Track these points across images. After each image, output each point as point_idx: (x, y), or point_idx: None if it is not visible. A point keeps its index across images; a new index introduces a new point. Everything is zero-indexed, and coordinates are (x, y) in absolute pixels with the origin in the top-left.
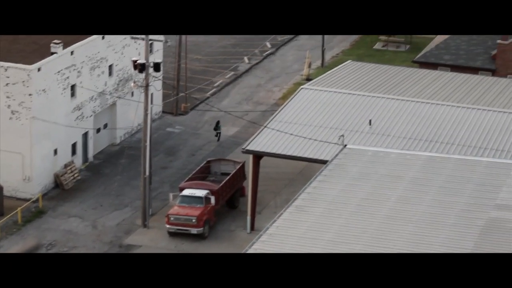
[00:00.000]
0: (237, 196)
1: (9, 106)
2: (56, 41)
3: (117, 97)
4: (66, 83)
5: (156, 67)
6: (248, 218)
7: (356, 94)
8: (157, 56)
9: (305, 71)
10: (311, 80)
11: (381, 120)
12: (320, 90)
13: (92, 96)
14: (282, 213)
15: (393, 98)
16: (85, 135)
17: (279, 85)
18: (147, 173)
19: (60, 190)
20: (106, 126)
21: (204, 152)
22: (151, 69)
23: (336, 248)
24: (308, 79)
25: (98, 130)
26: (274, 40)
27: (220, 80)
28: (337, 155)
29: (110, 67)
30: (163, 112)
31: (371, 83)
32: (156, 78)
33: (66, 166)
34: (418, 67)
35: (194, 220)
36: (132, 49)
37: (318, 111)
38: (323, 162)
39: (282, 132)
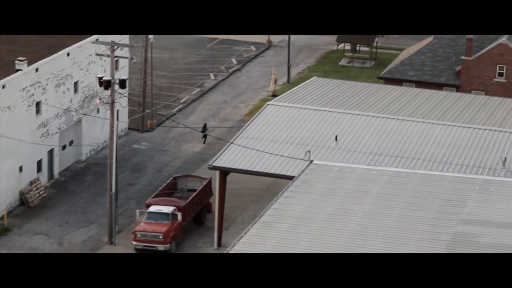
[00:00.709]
0: (204, 212)
1: None
2: (20, 58)
3: (82, 114)
4: (31, 100)
5: (122, 83)
6: (215, 234)
7: (322, 110)
8: (122, 73)
9: (271, 87)
10: (277, 96)
11: (347, 136)
12: (286, 106)
13: (58, 113)
14: (249, 229)
15: (359, 114)
16: (50, 152)
17: (245, 101)
18: (113, 189)
19: (26, 207)
20: (71, 143)
21: (170, 169)
22: (116, 85)
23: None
24: (274, 95)
25: (64, 147)
26: (240, 56)
27: (186, 97)
28: (303, 171)
29: (76, 84)
30: (129, 128)
31: (337, 99)
32: (122, 95)
33: (31, 183)
34: (383, 83)
35: (161, 237)
36: (98, 65)
37: (284, 127)
38: (290, 178)
39: (248, 148)
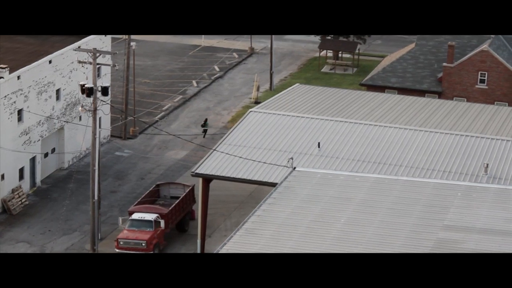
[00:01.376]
0: (187, 220)
1: None
2: (2, 65)
3: (65, 121)
4: (13, 107)
5: (104, 91)
6: (198, 241)
7: (304, 117)
8: (105, 80)
9: (253, 94)
10: (259, 103)
11: (329, 143)
12: (269, 113)
13: (40, 120)
14: (232, 236)
15: (341, 121)
16: (32, 160)
17: (227, 108)
18: (96, 197)
19: (8, 215)
20: (54, 150)
21: (153, 176)
22: (99, 93)
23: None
24: (256, 102)
25: (46, 155)
26: (223, 63)
27: (169, 104)
28: (286, 177)
29: (58, 91)
30: (112, 136)
31: (320, 106)
32: (104, 102)
33: (13, 191)
34: (365, 89)
35: (143, 244)
36: (80, 73)
37: (267, 134)
38: (273, 185)
39: (231, 155)
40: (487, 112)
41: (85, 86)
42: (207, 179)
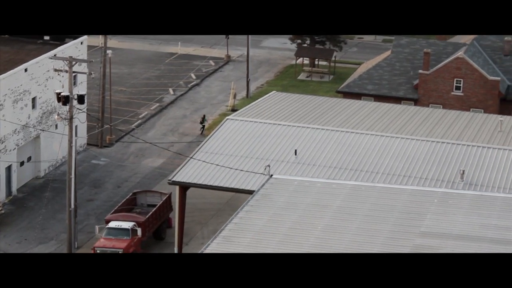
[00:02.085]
0: (164, 228)
1: None
2: None
3: (41, 129)
4: None
5: (80, 99)
6: (175, 249)
7: (281, 124)
8: (81, 88)
9: (230, 102)
10: (236, 110)
11: (306, 150)
12: (246, 121)
13: (15, 129)
14: (209, 243)
15: (318, 128)
16: (8, 169)
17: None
18: (72, 206)
19: None
20: (30, 159)
21: (130, 184)
22: (75, 101)
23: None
24: (233, 110)
25: (22, 163)
26: (199, 71)
27: (145, 112)
28: (263, 185)
29: (34, 99)
30: (88, 144)
31: (296, 113)
32: (81, 110)
33: None
34: (342, 97)
35: (120, 252)
36: (56, 81)
37: (244, 141)
38: (250, 192)
39: (208, 163)
40: (463, 118)
41: (61, 94)
42: (184, 187)
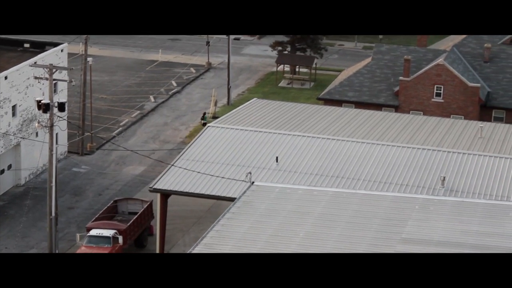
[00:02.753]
0: (145, 235)
1: None
2: None
3: (21, 137)
4: None
5: (61, 107)
6: None
7: (262, 132)
8: (61, 96)
9: (211, 109)
10: (217, 118)
11: (288, 157)
12: (227, 128)
13: None
14: (191, 251)
15: (299, 135)
16: None
17: (185, 123)
18: (53, 214)
19: None
20: (10, 167)
21: (111, 192)
22: (55, 109)
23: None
24: (214, 117)
25: (2, 171)
26: (180, 78)
27: (126, 119)
28: (244, 192)
29: (14, 107)
30: (69, 152)
31: (277, 120)
32: (61, 118)
33: None
34: (322, 104)
35: None
36: (36, 89)
37: (225, 148)
38: (231, 200)
39: (189, 170)
40: (443, 125)
41: (41, 102)
42: (165, 195)
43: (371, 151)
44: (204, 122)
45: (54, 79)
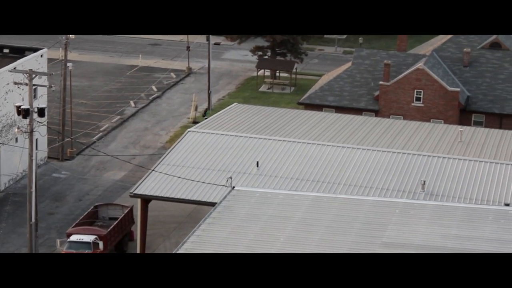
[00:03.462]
0: (125, 241)
1: None
2: None
3: (0, 143)
4: None
5: (41, 112)
6: None
7: (243, 136)
8: (41, 101)
9: (191, 114)
10: (198, 123)
11: (268, 162)
12: (207, 133)
13: None
14: None
15: (279, 140)
16: None
17: (166, 128)
18: (33, 219)
19: None
20: None
21: (91, 197)
22: (35, 114)
23: None
24: (195, 122)
25: None
26: (160, 83)
27: (106, 125)
28: (225, 197)
29: None
30: (49, 157)
31: (258, 125)
32: (41, 124)
33: None
34: (303, 108)
35: None
36: (16, 94)
37: (205, 153)
38: (212, 205)
39: (170, 175)
40: (423, 129)
41: (21, 107)
42: (146, 200)
43: (351, 156)
44: (206, 118)
45: (34, 85)
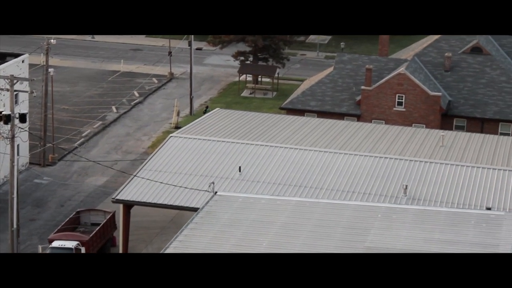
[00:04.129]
0: (108, 246)
1: None
2: None
3: None
4: None
5: (22, 118)
6: None
7: (225, 141)
8: (22, 107)
9: (173, 119)
10: (180, 128)
11: (250, 167)
12: (190, 138)
13: None
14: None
15: (262, 145)
16: None
17: (148, 133)
18: (14, 225)
19: None
20: None
21: (73, 203)
22: (16, 120)
23: None
24: (177, 127)
25: None
26: (142, 89)
27: (88, 130)
28: (207, 202)
29: None
30: (31, 163)
31: (240, 130)
32: (22, 129)
33: None
34: (285, 113)
35: None
36: None
37: (188, 159)
38: (194, 210)
39: (152, 180)
40: (405, 134)
41: (2, 113)
42: (128, 205)
43: (333, 160)
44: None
45: (15, 90)
